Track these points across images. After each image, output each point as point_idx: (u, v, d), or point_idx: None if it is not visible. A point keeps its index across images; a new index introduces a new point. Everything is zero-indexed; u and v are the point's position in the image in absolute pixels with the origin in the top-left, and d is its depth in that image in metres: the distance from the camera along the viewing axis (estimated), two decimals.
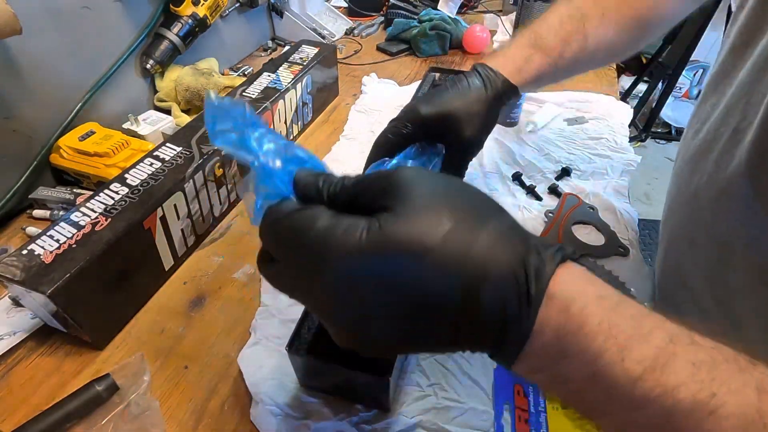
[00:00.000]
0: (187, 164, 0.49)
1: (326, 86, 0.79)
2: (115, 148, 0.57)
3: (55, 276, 0.37)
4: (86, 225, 0.42)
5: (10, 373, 0.40)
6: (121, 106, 0.67)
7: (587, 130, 0.73)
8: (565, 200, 0.58)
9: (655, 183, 2.08)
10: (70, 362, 0.41)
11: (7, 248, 0.51)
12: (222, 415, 0.38)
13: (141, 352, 0.41)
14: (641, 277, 0.49)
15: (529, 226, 0.55)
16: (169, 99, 0.73)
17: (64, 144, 0.57)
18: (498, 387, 0.39)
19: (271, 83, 0.66)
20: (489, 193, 0.59)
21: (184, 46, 0.72)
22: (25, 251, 0.39)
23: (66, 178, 0.60)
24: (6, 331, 0.43)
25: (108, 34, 0.64)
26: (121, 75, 0.67)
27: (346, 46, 1.03)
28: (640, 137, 2.08)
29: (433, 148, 0.42)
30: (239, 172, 0.58)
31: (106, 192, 0.45)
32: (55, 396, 0.38)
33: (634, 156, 0.67)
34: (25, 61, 0.54)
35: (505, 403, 0.38)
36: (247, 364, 0.40)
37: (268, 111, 0.61)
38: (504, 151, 0.69)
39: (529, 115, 0.75)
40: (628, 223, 0.56)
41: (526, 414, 0.38)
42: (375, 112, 0.78)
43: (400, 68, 0.95)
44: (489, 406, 0.38)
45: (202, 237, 0.54)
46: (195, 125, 0.56)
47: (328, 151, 0.69)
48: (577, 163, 0.66)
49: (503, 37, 1.05)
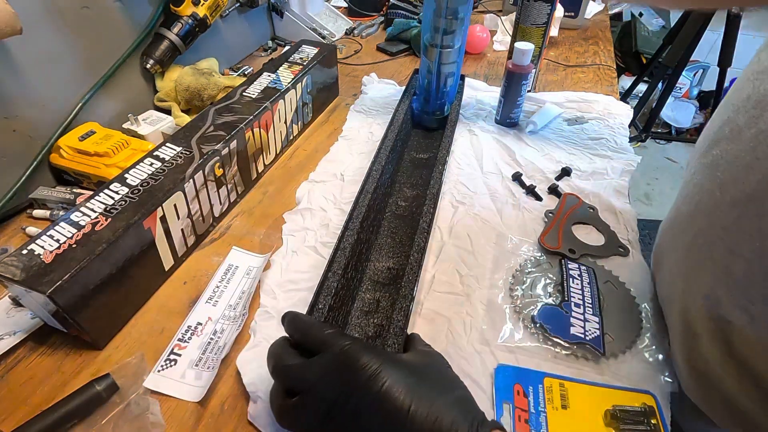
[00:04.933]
0: (187, 164, 0.49)
1: (326, 86, 0.79)
2: (115, 148, 0.57)
3: (55, 276, 0.37)
4: (86, 225, 0.42)
5: (10, 373, 0.40)
6: (121, 106, 0.68)
7: (587, 130, 0.73)
8: (565, 200, 0.58)
9: (655, 183, 2.08)
10: (70, 362, 0.41)
11: (7, 248, 0.51)
12: (222, 415, 0.38)
13: (141, 352, 0.41)
14: (641, 277, 0.49)
15: (529, 227, 0.56)
16: (169, 99, 0.73)
17: (64, 144, 0.57)
18: (498, 387, 0.39)
19: (271, 83, 0.66)
20: (489, 193, 0.60)
21: (184, 46, 0.72)
22: (25, 251, 0.39)
23: (66, 178, 0.60)
24: (6, 331, 0.43)
25: (108, 34, 0.64)
26: (121, 75, 0.67)
27: (346, 46, 1.03)
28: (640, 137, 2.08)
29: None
30: (239, 171, 0.58)
31: (106, 192, 0.45)
32: (55, 396, 0.38)
33: (634, 156, 0.67)
34: (25, 61, 0.54)
35: (505, 403, 0.38)
36: (245, 365, 0.40)
37: (268, 111, 0.61)
38: (504, 151, 0.69)
39: (529, 115, 0.75)
40: (628, 223, 0.56)
41: (526, 414, 0.38)
42: (374, 112, 0.78)
43: (400, 68, 0.95)
44: (489, 406, 0.38)
45: (202, 237, 0.54)
46: (195, 125, 0.56)
47: (327, 152, 0.69)
48: (577, 163, 0.66)
49: (503, 37, 1.06)
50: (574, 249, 0.51)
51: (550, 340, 0.43)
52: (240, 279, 0.49)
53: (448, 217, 0.57)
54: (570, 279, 0.47)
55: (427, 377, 0.31)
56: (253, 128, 0.59)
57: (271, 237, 0.55)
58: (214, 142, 0.53)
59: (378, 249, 0.53)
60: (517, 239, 0.54)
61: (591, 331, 0.42)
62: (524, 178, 0.63)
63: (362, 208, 0.50)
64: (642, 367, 0.41)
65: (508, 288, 0.48)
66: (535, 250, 0.53)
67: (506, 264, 0.51)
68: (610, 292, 0.47)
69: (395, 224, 0.56)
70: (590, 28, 1.15)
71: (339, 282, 0.42)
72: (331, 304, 0.40)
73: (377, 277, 0.49)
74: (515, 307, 0.46)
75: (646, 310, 0.46)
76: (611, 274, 0.49)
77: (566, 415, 0.38)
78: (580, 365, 0.41)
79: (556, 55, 1.00)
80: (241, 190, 0.60)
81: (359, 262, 0.48)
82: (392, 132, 0.63)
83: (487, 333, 0.44)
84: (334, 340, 0.32)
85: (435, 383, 0.31)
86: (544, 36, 0.75)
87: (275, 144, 0.66)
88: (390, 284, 0.48)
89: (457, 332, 0.44)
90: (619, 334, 0.43)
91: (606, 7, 1.27)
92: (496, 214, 0.58)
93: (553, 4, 0.71)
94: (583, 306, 0.45)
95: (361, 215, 0.49)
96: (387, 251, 0.52)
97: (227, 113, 0.58)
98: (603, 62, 0.97)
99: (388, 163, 0.59)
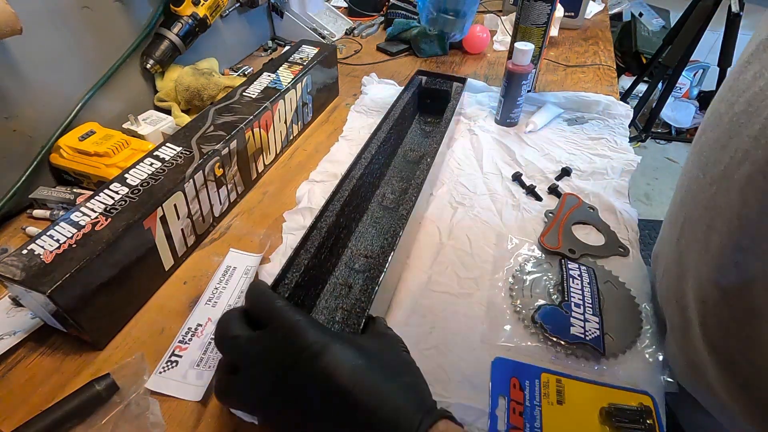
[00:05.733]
0: (187, 164, 0.49)
1: (326, 86, 0.79)
2: (115, 148, 0.57)
3: (55, 276, 0.37)
4: (86, 225, 0.42)
5: (10, 373, 0.40)
6: (121, 106, 0.68)
7: (587, 130, 0.73)
8: (565, 200, 0.58)
9: (655, 183, 2.08)
10: (70, 362, 0.41)
11: (7, 248, 0.51)
12: (222, 416, 0.38)
13: (141, 352, 0.41)
14: (641, 277, 0.49)
15: (529, 227, 0.56)
16: (169, 99, 0.73)
17: (64, 144, 0.57)
18: (495, 379, 0.40)
19: (271, 83, 0.66)
20: (489, 193, 0.60)
21: (184, 46, 0.72)
22: (25, 251, 0.39)
23: (66, 178, 0.60)
24: (6, 331, 0.43)
25: (108, 34, 0.64)
26: (121, 75, 0.67)
27: (346, 46, 1.03)
28: (640, 137, 2.08)
29: None
30: (239, 171, 0.58)
31: (106, 192, 0.45)
32: (55, 396, 0.38)
33: (634, 156, 0.67)
34: (25, 61, 0.54)
35: (500, 395, 0.39)
36: None
37: (268, 111, 0.61)
38: (504, 151, 0.69)
39: (529, 115, 0.75)
40: (628, 223, 0.56)
41: (521, 407, 0.38)
42: (374, 113, 0.78)
43: (400, 68, 0.95)
44: (485, 397, 0.39)
45: (202, 237, 0.54)
46: (195, 125, 0.56)
47: (327, 152, 0.69)
48: (577, 163, 0.66)
49: (503, 37, 1.06)
50: (574, 249, 0.51)
51: (550, 340, 0.43)
52: (238, 279, 0.49)
53: (448, 218, 0.57)
54: (570, 279, 0.47)
55: (377, 360, 0.30)
56: (253, 128, 0.59)
57: (271, 237, 0.55)
58: (214, 142, 0.53)
59: (359, 236, 0.53)
60: (517, 239, 0.54)
61: (591, 331, 0.42)
62: (524, 178, 0.63)
63: (345, 192, 0.50)
64: (642, 368, 0.41)
65: (508, 288, 0.48)
66: (535, 251, 0.53)
67: (506, 264, 0.51)
68: (610, 292, 0.47)
69: (380, 214, 0.56)
70: (590, 28, 1.15)
71: (311, 261, 0.41)
72: (299, 281, 0.40)
73: (354, 263, 0.50)
74: (515, 307, 0.46)
75: (646, 310, 0.46)
76: (611, 274, 0.49)
77: (561, 411, 0.38)
78: (580, 365, 0.41)
79: (556, 55, 1.00)
80: (241, 190, 0.60)
81: (336, 245, 0.48)
82: (386, 124, 0.62)
83: (487, 333, 0.44)
84: (282, 314, 0.30)
85: (385, 367, 0.30)
86: (544, 36, 0.75)
87: (275, 144, 0.66)
88: (366, 272, 0.49)
89: (455, 330, 0.44)
90: (619, 334, 0.43)
91: (606, 7, 1.28)
92: (496, 215, 0.58)
93: (553, 4, 0.71)
94: (583, 306, 0.45)
95: (343, 199, 0.49)
96: (368, 240, 0.53)
97: (227, 113, 0.58)
98: (603, 62, 0.97)
99: (379, 153, 0.59)
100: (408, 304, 0.46)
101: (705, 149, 0.38)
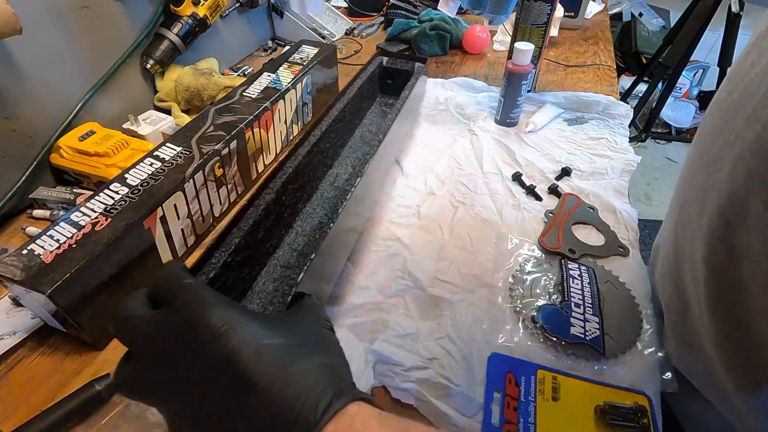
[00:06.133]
0: (187, 164, 0.49)
1: (326, 86, 0.79)
2: (115, 148, 0.57)
3: (55, 276, 0.37)
4: (86, 225, 0.42)
5: (10, 373, 0.40)
6: (121, 106, 0.68)
7: (587, 130, 0.73)
8: (565, 200, 0.58)
9: (655, 183, 2.08)
10: (70, 362, 0.41)
11: (7, 248, 0.51)
12: None
13: None
14: (641, 277, 0.49)
15: (529, 227, 0.56)
16: (169, 99, 0.73)
17: (64, 144, 0.57)
18: (491, 374, 0.40)
19: (271, 83, 0.66)
20: (489, 193, 0.60)
21: (184, 46, 0.72)
22: (25, 251, 0.39)
23: (66, 178, 0.60)
24: (6, 331, 0.43)
25: (108, 34, 0.64)
26: (121, 75, 0.67)
27: (346, 46, 1.03)
28: (640, 137, 2.08)
29: None
30: (239, 171, 0.58)
31: (106, 192, 0.45)
32: (55, 396, 0.38)
33: (634, 156, 0.67)
34: (25, 61, 0.54)
35: (495, 390, 0.39)
36: None
37: (268, 111, 0.61)
38: (504, 151, 0.69)
39: (529, 115, 0.75)
40: (628, 223, 0.56)
41: (516, 402, 0.38)
42: None
43: None
44: (481, 390, 0.39)
45: (202, 237, 0.54)
46: (195, 125, 0.56)
47: None
48: (577, 163, 0.66)
49: (503, 37, 1.06)
50: (574, 249, 0.51)
51: (551, 340, 0.43)
52: None
53: (449, 217, 0.57)
54: (570, 279, 0.47)
55: (291, 338, 0.27)
56: (253, 128, 0.59)
57: None
58: (214, 142, 0.53)
59: (306, 216, 0.50)
60: (517, 239, 0.54)
61: (591, 331, 0.42)
62: (524, 178, 0.63)
63: (288, 169, 0.46)
64: (642, 368, 0.41)
65: (508, 288, 0.48)
66: (535, 251, 0.53)
67: (506, 264, 0.51)
68: (610, 292, 0.47)
69: (331, 195, 0.53)
70: (590, 28, 1.15)
71: (243, 239, 0.38)
72: (228, 261, 0.37)
73: (297, 245, 0.46)
74: (515, 307, 0.46)
75: (646, 310, 0.46)
76: (611, 274, 0.49)
77: (556, 407, 0.38)
78: (580, 365, 0.41)
79: (556, 55, 1.00)
80: (241, 190, 0.60)
81: (278, 225, 0.45)
82: (340, 102, 0.61)
83: (488, 333, 0.44)
84: (185, 292, 0.26)
85: (299, 345, 0.26)
86: (544, 36, 0.75)
87: (275, 144, 0.66)
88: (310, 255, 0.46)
89: (458, 319, 0.45)
90: (619, 334, 0.43)
91: (606, 7, 1.28)
92: (496, 214, 0.58)
93: (553, 4, 0.71)
94: (583, 306, 0.45)
95: (286, 176, 0.45)
96: (315, 221, 0.49)
97: (227, 113, 0.58)
98: (603, 62, 0.97)
99: (330, 131, 0.55)
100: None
101: (703, 134, 0.39)
